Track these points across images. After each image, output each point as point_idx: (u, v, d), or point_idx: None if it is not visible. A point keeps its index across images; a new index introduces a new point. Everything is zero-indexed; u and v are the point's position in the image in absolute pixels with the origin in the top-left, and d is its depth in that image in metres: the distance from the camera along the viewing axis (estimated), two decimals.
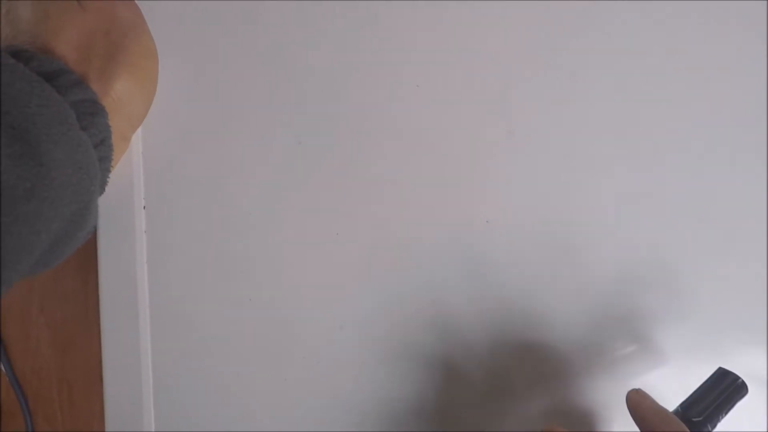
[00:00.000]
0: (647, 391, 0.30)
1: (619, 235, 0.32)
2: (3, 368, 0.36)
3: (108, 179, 0.27)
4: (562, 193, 0.32)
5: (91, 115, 0.24)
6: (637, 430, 0.28)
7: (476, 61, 0.32)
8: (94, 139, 0.24)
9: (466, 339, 0.33)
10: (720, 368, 0.30)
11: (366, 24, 0.32)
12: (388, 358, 0.33)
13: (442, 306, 0.33)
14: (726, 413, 0.28)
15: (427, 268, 0.32)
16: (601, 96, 0.32)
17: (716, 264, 0.33)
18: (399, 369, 0.33)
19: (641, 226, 0.33)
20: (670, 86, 0.32)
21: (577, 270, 0.32)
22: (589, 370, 0.33)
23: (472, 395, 0.33)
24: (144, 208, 0.32)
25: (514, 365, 0.33)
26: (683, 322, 0.33)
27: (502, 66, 0.32)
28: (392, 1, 0.32)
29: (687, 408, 0.29)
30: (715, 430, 0.28)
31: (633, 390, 0.31)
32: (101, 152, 0.25)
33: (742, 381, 0.29)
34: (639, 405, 0.29)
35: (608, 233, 0.32)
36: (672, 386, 0.30)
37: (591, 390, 0.33)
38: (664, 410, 0.29)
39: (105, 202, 0.30)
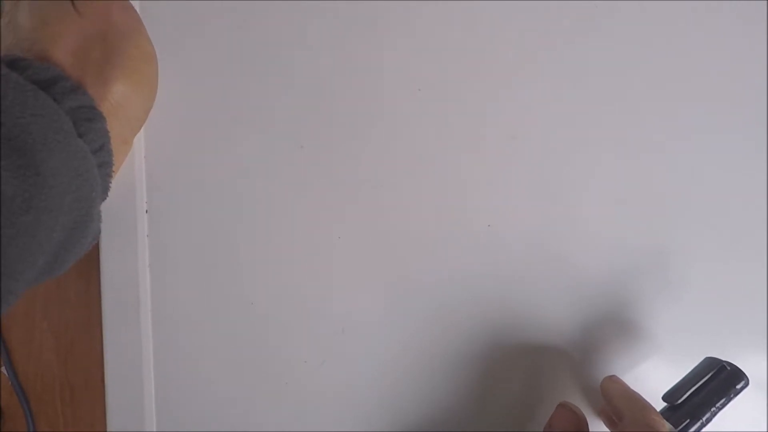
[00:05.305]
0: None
1: (621, 238, 0.32)
2: (6, 372, 0.36)
3: (110, 184, 0.27)
4: (564, 198, 0.32)
5: (88, 121, 0.24)
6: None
7: (478, 65, 0.32)
8: (92, 145, 0.24)
9: (467, 342, 0.33)
10: (707, 357, 0.30)
11: (368, 28, 0.32)
12: (390, 362, 0.33)
13: (444, 309, 0.32)
14: (720, 400, 0.28)
15: (428, 271, 0.32)
16: (604, 100, 0.32)
17: (719, 267, 0.33)
18: (400, 372, 0.33)
19: (643, 229, 0.32)
20: (671, 88, 0.32)
21: (578, 273, 0.32)
22: (590, 372, 0.33)
23: (473, 396, 0.33)
24: (146, 212, 0.32)
25: (515, 368, 0.33)
26: (685, 324, 0.33)
27: (504, 70, 0.32)
28: (394, 4, 0.32)
29: (670, 395, 0.29)
30: (712, 422, 0.28)
31: (607, 376, 0.31)
32: (100, 158, 0.25)
33: (734, 369, 0.28)
34: (609, 388, 0.30)
35: (610, 237, 0.32)
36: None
37: (592, 393, 0.33)
38: (632, 392, 0.29)
39: (107, 207, 0.30)
